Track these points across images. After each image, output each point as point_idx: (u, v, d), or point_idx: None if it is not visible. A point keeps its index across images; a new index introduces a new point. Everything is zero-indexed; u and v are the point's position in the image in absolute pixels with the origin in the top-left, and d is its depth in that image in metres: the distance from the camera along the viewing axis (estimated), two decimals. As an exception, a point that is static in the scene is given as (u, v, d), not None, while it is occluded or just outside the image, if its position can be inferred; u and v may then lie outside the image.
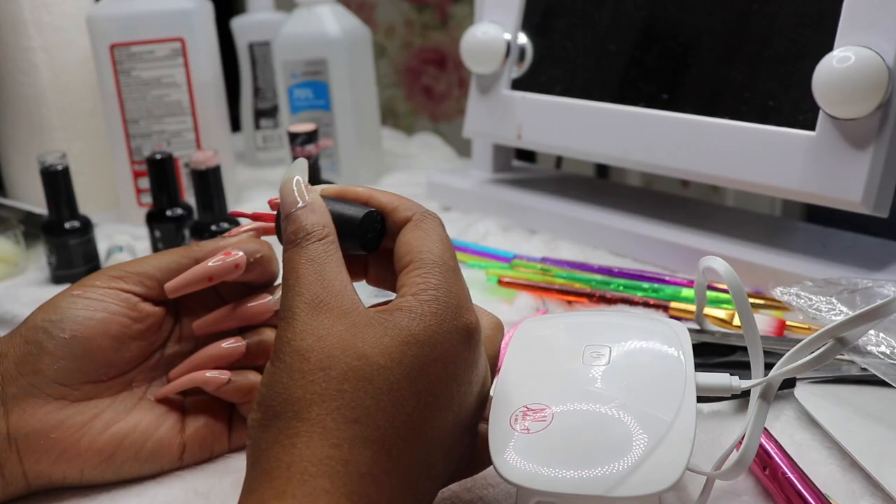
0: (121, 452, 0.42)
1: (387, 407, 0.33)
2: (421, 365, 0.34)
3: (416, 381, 0.33)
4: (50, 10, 0.82)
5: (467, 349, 0.35)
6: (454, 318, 0.35)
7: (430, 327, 0.34)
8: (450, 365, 0.35)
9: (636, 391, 0.37)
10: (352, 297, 0.35)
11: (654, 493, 0.33)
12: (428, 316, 0.34)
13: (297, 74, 0.89)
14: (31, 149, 0.85)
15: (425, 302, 0.35)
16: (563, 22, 0.74)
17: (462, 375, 0.35)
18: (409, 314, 0.34)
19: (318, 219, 0.37)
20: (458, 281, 0.37)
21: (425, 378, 0.34)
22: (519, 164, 0.90)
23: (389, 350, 0.33)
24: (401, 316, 0.34)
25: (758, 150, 0.60)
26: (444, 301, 0.35)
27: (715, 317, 0.56)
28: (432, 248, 0.37)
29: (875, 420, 0.45)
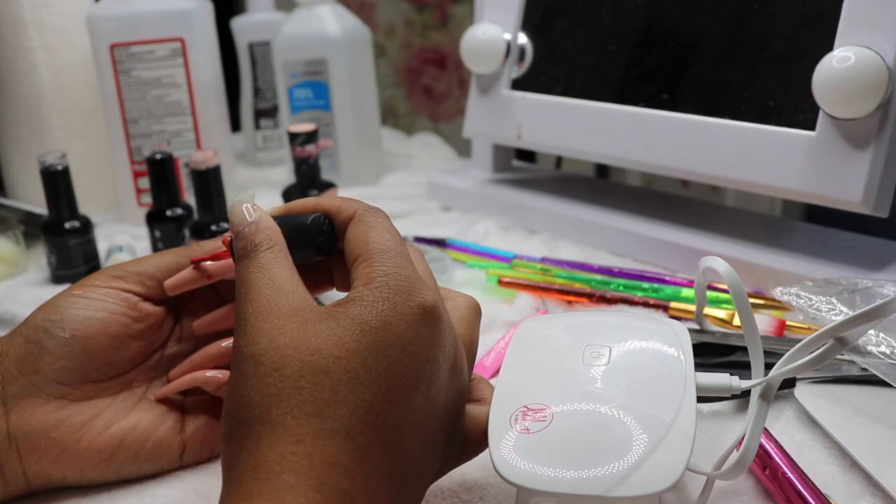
0: (121, 452, 0.42)
1: (346, 396, 0.33)
2: (377, 350, 0.34)
3: (374, 366, 0.33)
4: (50, 10, 0.82)
5: (426, 327, 0.35)
6: (406, 299, 0.35)
7: (383, 312, 0.34)
8: (408, 345, 0.34)
9: (636, 391, 0.37)
10: (303, 296, 0.36)
11: (654, 494, 0.33)
12: (379, 302, 0.35)
13: (297, 74, 0.89)
14: (31, 149, 0.85)
15: (376, 289, 0.35)
16: (563, 22, 0.74)
17: (424, 354, 0.35)
18: (360, 304, 0.35)
19: (265, 231, 0.38)
20: (408, 265, 0.37)
21: (384, 362, 0.34)
22: (519, 164, 0.90)
23: (343, 340, 0.33)
24: (353, 306, 0.35)
25: (758, 150, 0.60)
26: (393, 285, 0.35)
27: (715, 317, 0.56)
28: (377, 238, 0.37)
29: (875, 420, 0.45)
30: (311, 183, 0.75)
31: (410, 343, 0.35)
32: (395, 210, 0.85)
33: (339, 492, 0.31)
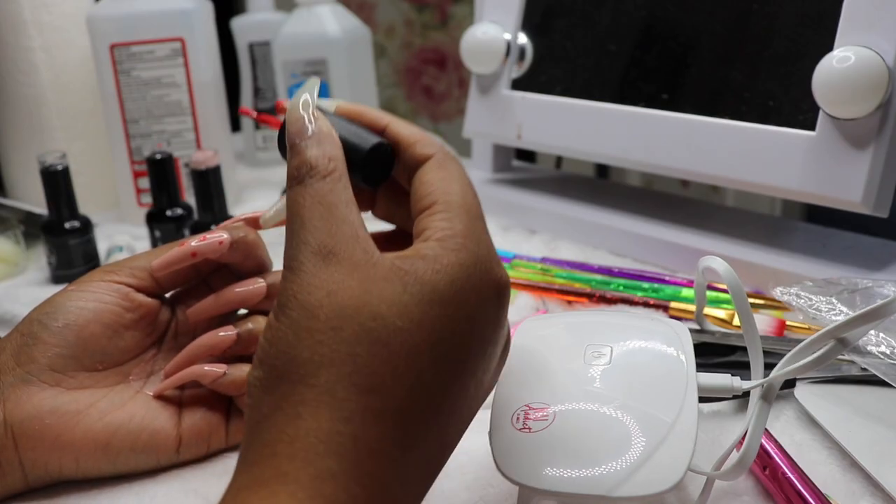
0: (116, 441, 0.42)
1: (404, 375, 0.29)
2: (445, 325, 0.30)
3: (438, 345, 0.30)
4: (50, 10, 0.82)
5: (496, 307, 0.32)
6: (485, 271, 0.31)
7: (457, 282, 0.30)
8: (477, 326, 0.31)
9: (637, 391, 0.37)
10: (365, 244, 0.31)
11: (656, 494, 0.33)
12: (455, 268, 0.30)
13: (297, 74, 0.89)
14: (31, 149, 0.85)
15: (452, 251, 0.31)
16: (563, 22, 0.74)
17: (489, 336, 0.32)
18: (432, 265, 0.30)
19: (324, 150, 0.32)
20: (486, 230, 0.33)
21: (448, 342, 0.30)
22: (519, 164, 0.90)
23: (409, 309, 0.29)
24: (423, 267, 0.30)
25: (758, 150, 0.60)
26: (472, 251, 0.31)
27: (715, 317, 0.56)
28: (458, 191, 0.33)
29: (875, 420, 0.45)
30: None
31: (479, 325, 0.31)
32: (395, 210, 0.85)
33: (381, 486, 0.28)
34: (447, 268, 0.30)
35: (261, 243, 0.47)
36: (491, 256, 0.32)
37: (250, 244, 0.46)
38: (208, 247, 0.44)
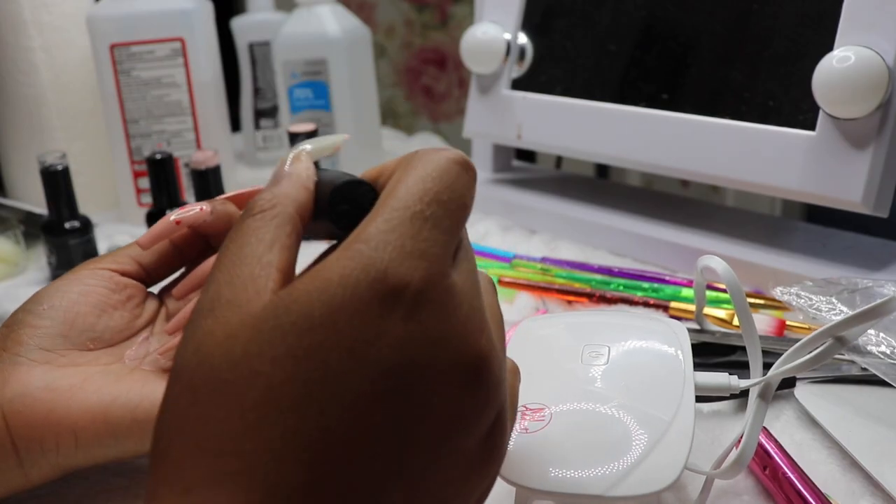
0: (116, 410, 0.39)
1: (258, 425, 0.23)
2: (309, 357, 0.23)
3: (306, 382, 0.23)
4: (50, 10, 0.82)
5: (391, 323, 0.23)
6: (376, 279, 0.23)
7: (334, 298, 0.23)
8: (365, 354, 0.23)
9: (635, 391, 0.37)
10: (260, 283, 0.25)
11: (652, 493, 0.33)
12: (335, 281, 0.23)
13: (297, 74, 0.89)
14: (31, 149, 0.85)
15: (339, 260, 0.24)
16: (563, 22, 0.74)
17: (392, 370, 0.23)
18: (310, 282, 0.24)
19: (277, 189, 0.28)
20: (413, 227, 0.25)
21: (321, 377, 0.23)
22: (519, 164, 0.90)
23: (272, 345, 0.23)
24: (301, 287, 0.24)
25: (758, 150, 0.60)
26: (367, 255, 0.24)
27: (715, 317, 0.56)
28: (396, 186, 0.26)
29: (875, 420, 0.45)
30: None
31: (360, 347, 0.23)
32: (395, 210, 0.85)
33: None
34: (326, 283, 0.24)
35: None
36: (393, 258, 0.24)
37: (232, 215, 0.46)
38: (191, 215, 0.45)
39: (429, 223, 0.25)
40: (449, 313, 0.24)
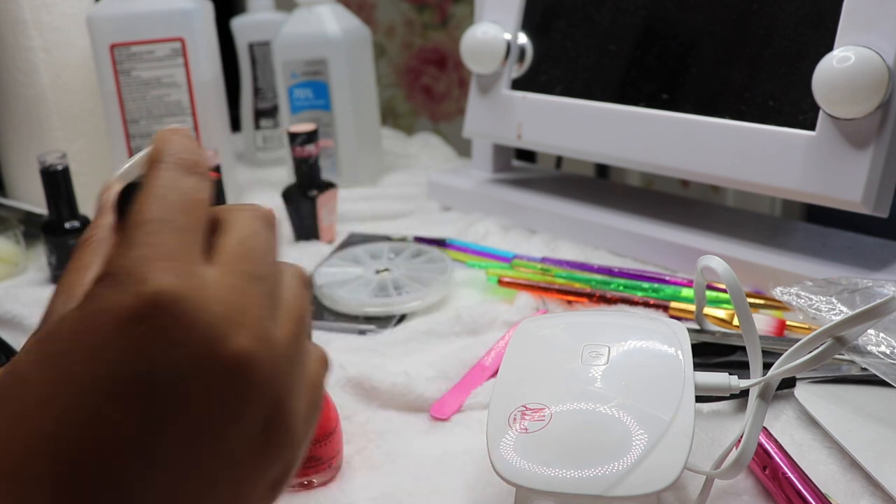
0: None
1: (12, 429, 0.24)
2: (54, 364, 0.24)
3: (52, 386, 0.24)
4: (50, 10, 0.82)
5: (133, 328, 0.24)
6: (115, 289, 0.24)
7: (82, 308, 0.24)
8: (99, 355, 0.24)
9: (635, 391, 0.37)
10: (63, 305, 0.27)
11: (652, 493, 0.33)
12: (82, 298, 0.25)
13: (297, 74, 0.89)
14: (31, 149, 0.85)
15: (99, 274, 0.25)
16: (563, 22, 0.74)
17: (133, 383, 0.24)
18: (64, 298, 0.27)
19: (96, 220, 0.31)
20: (139, 239, 0.25)
21: (62, 378, 0.24)
22: (519, 164, 0.90)
23: (34, 353, 0.25)
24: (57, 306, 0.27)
25: (758, 150, 0.60)
26: (112, 267, 0.24)
27: (715, 317, 0.56)
28: (138, 203, 0.26)
29: (875, 420, 0.45)
30: (311, 183, 0.75)
31: (110, 351, 0.24)
32: (395, 210, 0.85)
33: None
34: (81, 297, 0.25)
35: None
36: (135, 270, 0.24)
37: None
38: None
39: (163, 228, 0.26)
40: (193, 316, 0.24)
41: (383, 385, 0.51)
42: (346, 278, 0.65)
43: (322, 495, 0.43)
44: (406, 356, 0.57)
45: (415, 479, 0.44)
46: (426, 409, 0.50)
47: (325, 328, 0.61)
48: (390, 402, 0.51)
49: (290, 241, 0.77)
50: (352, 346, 0.59)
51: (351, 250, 0.70)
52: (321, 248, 0.75)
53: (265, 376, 0.26)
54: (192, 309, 0.24)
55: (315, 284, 0.65)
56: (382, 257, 0.69)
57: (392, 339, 0.59)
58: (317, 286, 0.64)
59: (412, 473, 0.45)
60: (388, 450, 0.47)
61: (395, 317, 0.62)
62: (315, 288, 0.65)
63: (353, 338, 0.60)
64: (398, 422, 0.50)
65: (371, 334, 0.60)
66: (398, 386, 0.51)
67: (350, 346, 0.59)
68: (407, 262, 0.68)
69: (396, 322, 0.62)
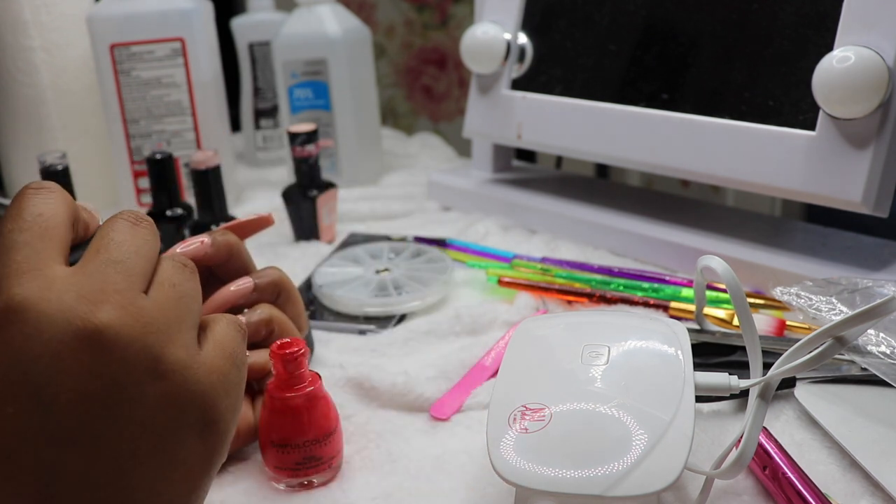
0: None
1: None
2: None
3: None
4: (50, 10, 0.82)
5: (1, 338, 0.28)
6: (61, 311, 0.28)
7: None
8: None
9: (635, 391, 0.37)
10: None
11: (652, 493, 0.33)
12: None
13: (297, 74, 0.89)
14: (31, 149, 0.85)
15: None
16: (563, 22, 0.74)
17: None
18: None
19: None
20: (2, 256, 0.29)
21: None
22: (519, 164, 0.90)
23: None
24: None
25: (758, 150, 0.60)
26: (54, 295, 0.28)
27: (715, 317, 0.56)
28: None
29: (875, 420, 0.45)
30: (311, 183, 0.75)
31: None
32: (395, 210, 0.85)
33: None
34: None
35: (242, 246, 0.49)
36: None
37: (232, 244, 0.48)
38: (191, 249, 0.46)
39: (4, 251, 0.29)
40: (46, 308, 0.28)
41: (383, 385, 0.51)
42: (345, 278, 0.65)
43: (322, 495, 0.43)
44: (406, 356, 0.57)
45: (415, 479, 0.44)
46: (426, 409, 0.50)
47: (325, 328, 0.61)
48: (390, 402, 0.51)
49: (290, 241, 0.77)
50: (352, 346, 0.59)
51: (351, 250, 0.70)
52: (321, 248, 0.75)
53: (135, 336, 0.29)
54: (43, 302, 0.28)
55: (315, 284, 0.65)
56: (382, 257, 0.69)
57: (392, 339, 0.59)
58: (317, 286, 0.65)
59: (412, 473, 0.45)
60: (388, 450, 0.47)
61: (395, 317, 0.62)
62: (315, 288, 0.65)
63: (352, 338, 0.60)
64: (398, 422, 0.50)
65: (371, 334, 0.60)
66: (398, 386, 0.51)
67: (350, 346, 0.59)
68: (407, 262, 0.68)
69: (396, 322, 0.62)
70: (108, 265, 0.30)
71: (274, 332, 0.48)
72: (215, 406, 0.31)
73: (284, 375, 0.43)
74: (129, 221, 0.33)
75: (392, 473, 0.45)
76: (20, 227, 0.30)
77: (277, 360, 0.43)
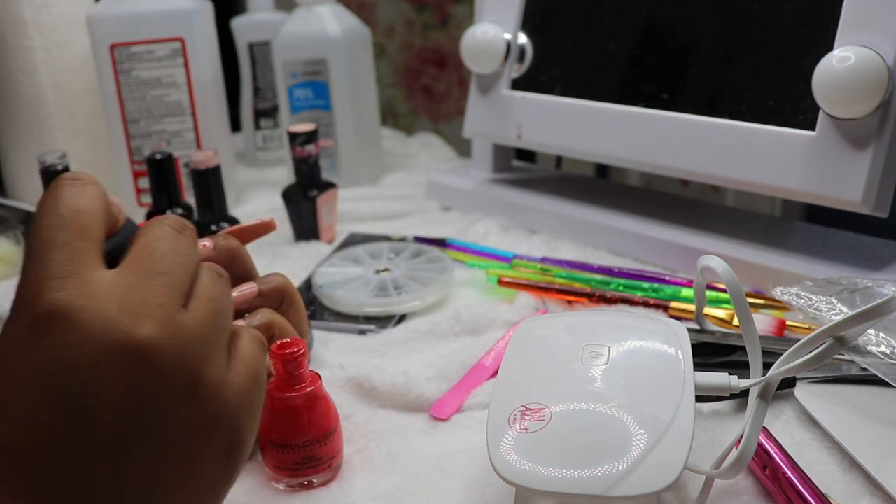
0: None
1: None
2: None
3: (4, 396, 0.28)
4: (50, 10, 0.82)
5: (36, 351, 0.27)
6: (17, 315, 0.28)
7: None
8: (16, 379, 0.27)
9: (635, 391, 0.37)
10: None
11: (652, 493, 0.33)
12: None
13: (297, 74, 0.89)
14: (31, 149, 0.85)
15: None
16: (563, 22, 0.74)
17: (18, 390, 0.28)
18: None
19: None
20: (30, 265, 0.29)
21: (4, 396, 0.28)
22: (519, 164, 0.90)
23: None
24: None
25: (758, 150, 0.60)
26: (15, 297, 0.29)
27: (715, 317, 0.56)
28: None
29: (875, 420, 0.45)
30: (311, 183, 0.75)
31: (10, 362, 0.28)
32: (395, 210, 0.85)
33: None
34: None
35: (244, 251, 0.49)
36: (36, 283, 0.28)
37: (234, 249, 0.48)
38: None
39: (45, 251, 0.29)
40: (90, 317, 0.28)
41: (383, 385, 0.51)
42: (345, 278, 0.65)
43: (322, 495, 0.43)
44: (406, 356, 0.57)
45: (415, 479, 0.44)
46: (426, 409, 0.50)
47: (325, 328, 0.61)
48: (390, 402, 0.51)
49: (290, 241, 0.77)
50: (352, 346, 0.59)
51: (351, 250, 0.70)
52: (321, 248, 0.75)
53: (175, 356, 0.28)
54: (86, 311, 0.27)
55: (315, 284, 0.65)
56: (382, 257, 0.69)
57: (392, 339, 0.59)
58: (317, 286, 0.64)
59: (412, 473, 0.45)
60: (388, 450, 0.47)
61: (395, 317, 0.62)
62: (315, 288, 0.65)
63: (352, 338, 0.60)
64: (398, 422, 0.50)
65: (371, 334, 0.60)
66: (398, 386, 0.51)
67: (350, 346, 0.59)
68: (407, 262, 0.68)
69: (396, 322, 0.62)
70: (150, 276, 0.30)
71: (274, 336, 0.48)
72: (242, 429, 0.31)
73: (284, 375, 0.43)
74: (174, 229, 0.32)
75: (392, 473, 0.45)
76: (59, 224, 0.30)
77: (277, 361, 0.43)
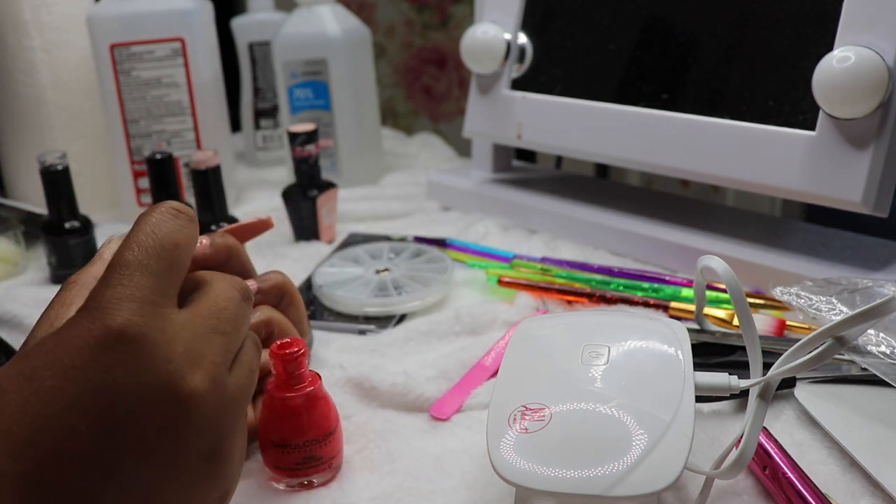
0: None
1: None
2: (31, 377, 0.28)
3: (24, 397, 0.28)
4: (50, 10, 0.82)
5: (100, 355, 0.28)
6: (89, 319, 0.29)
7: (60, 334, 0.29)
8: (70, 374, 0.28)
9: (635, 391, 0.37)
10: (45, 330, 0.32)
11: (652, 493, 0.33)
12: (65, 324, 0.29)
13: (297, 74, 0.89)
14: (31, 149, 0.85)
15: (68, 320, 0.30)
16: (563, 22, 0.74)
17: (94, 401, 0.28)
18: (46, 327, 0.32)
19: (90, 268, 0.37)
20: (114, 280, 0.30)
21: (31, 390, 0.28)
22: (519, 164, 0.90)
23: (11, 367, 0.29)
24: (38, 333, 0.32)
25: (758, 150, 0.60)
26: (89, 301, 0.29)
27: (715, 317, 0.56)
28: (121, 245, 0.32)
29: (875, 420, 0.45)
30: (310, 183, 0.75)
31: (80, 373, 0.28)
32: (395, 210, 0.85)
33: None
34: (60, 325, 0.31)
35: (242, 249, 0.49)
36: (106, 304, 0.29)
37: (231, 247, 0.48)
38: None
39: (137, 271, 0.30)
40: (155, 351, 0.29)
41: (383, 385, 0.51)
42: (345, 278, 0.65)
43: (322, 495, 0.43)
44: (406, 356, 0.57)
45: (415, 479, 0.44)
46: (426, 409, 0.50)
47: (325, 328, 0.61)
48: (390, 402, 0.51)
49: (290, 241, 0.77)
50: (352, 346, 0.59)
51: (351, 250, 0.70)
52: (321, 248, 0.75)
53: (213, 413, 0.30)
54: (154, 344, 0.29)
55: (315, 284, 0.65)
56: (382, 257, 0.69)
57: (392, 339, 0.59)
58: (317, 286, 0.65)
59: (412, 473, 0.45)
60: (388, 450, 0.47)
61: (395, 317, 0.62)
62: (315, 288, 0.65)
63: (352, 338, 0.60)
64: (398, 422, 0.49)
65: (371, 334, 0.60)
66: (398, 386, 0.51)
67: (350, 346, 0.59)
68: (407, 262, 0.68)
69: (396, 322, 0.62)
70: (214, 333, 0.31)
71: (273, 333, 0.48)
72: (234, 484, 0.34)
73: (284, 375, 0.43)
74: (241, 294, 0.34)
75: (392, 473, 0.45)
76: (157, 252, 0.31)
77: (277, 360, 0.43)
